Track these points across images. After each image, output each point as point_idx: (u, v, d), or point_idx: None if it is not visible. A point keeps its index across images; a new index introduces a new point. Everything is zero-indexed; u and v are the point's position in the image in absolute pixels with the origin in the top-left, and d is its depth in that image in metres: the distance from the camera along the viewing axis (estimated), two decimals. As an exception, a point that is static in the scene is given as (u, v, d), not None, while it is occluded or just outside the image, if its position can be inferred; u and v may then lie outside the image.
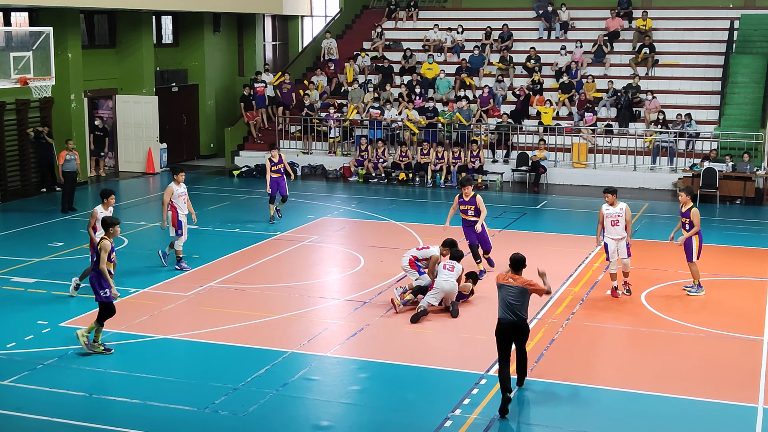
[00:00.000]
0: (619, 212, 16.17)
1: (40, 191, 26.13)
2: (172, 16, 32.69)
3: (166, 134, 31.10)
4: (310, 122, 30.55)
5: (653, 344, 14.09)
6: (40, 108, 26.48)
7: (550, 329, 14.59)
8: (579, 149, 28.25)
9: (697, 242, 16.41)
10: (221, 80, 34.52)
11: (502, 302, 11.69)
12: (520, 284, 11.68)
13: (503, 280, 11.80)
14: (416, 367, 13.07)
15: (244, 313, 15.21)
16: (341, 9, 37.72)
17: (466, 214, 17.51)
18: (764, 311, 15.68)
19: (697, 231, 16.33)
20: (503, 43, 32.65)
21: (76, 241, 20.06)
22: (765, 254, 19.66)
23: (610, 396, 12.15)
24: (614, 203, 16.21)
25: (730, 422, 11.36)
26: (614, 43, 32.12)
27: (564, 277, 17.43)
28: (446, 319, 15.06)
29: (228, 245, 19.71)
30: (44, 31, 20.88)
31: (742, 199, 25.44)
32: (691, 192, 16.72)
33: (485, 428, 11.05)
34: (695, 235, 16.37)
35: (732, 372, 13.00)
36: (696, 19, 32.64)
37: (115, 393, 12.01)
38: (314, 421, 11.37)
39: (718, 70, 29.98)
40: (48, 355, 13.35)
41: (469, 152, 27.79)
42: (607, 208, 16.27)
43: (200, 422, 11.21)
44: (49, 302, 15.88)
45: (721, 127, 27.50)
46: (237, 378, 12.47)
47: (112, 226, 13.61)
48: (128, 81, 30.10)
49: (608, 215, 16.26)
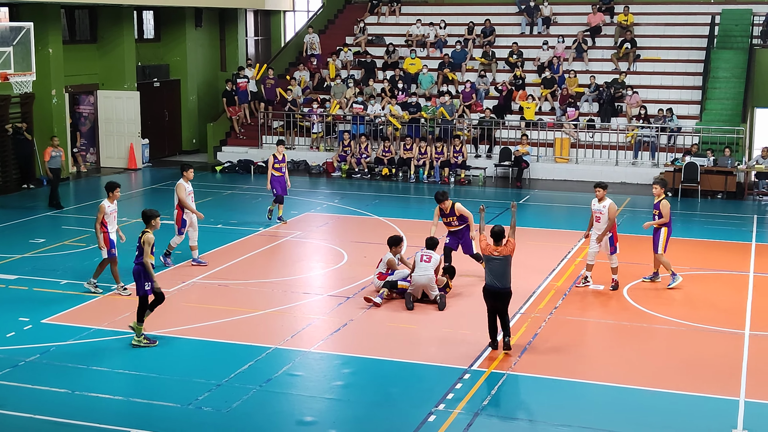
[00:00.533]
0: (602, 209, 16.19)
1: (20, 187, 25.93)
2: (153, 11, 32.54)
3: (148, 130, 30.98)
4: (293, 117, 30.50)
5: (636, 338, 14.15)
6: (21, 104, 26.29)
7: (533, 324, 14.63)
8: (561, 144, 28.33)
9: (665, 235, 16.45)
10: (203, 75, 34.40)
11: (489, 271, 13.23)
12: (505, 254, 13.17)
13: (489, 253, 13.21)
14: (400, 362, 13.08)
15: (228, 309, 15.18)
16: (323, 4, 37.67)
17: (450, 225, 16.83)
18: (745, 305, 15.79)
19: (665, 222, 16.37)
20: (486, 38, 32.68)
21: (58, 237, 19.97)
22: (746, 248, 19.78)
23: (593, 390, 12.19)
24: (603, 199, 16.24)
25: (712, 415, 11.42)
26: (596, 38, 32.21)
27: (547, 272, 17.48)
28: (430, 314, 15.07)
29: (211, 241, 19.65)
30: (25, 26, 20.72)
31: (724, 194, 25.57)
32: (664, 184, 16.75)
33: (469, 423, 11.07)
34: (664, 227, 16.42)
35: (714, 365, 13.07)
36: (677, 14, 32.78)
37: (98, 390, 11.95)
38: (298, 417, 11.37)
39: (699, 65, 30.13)
40: (30, 351, 13.28)
41: (452, 147, 27.81)
42: (594, 204, 16.32)
43: (183, 418, 11.18)
44: (30, 299, 15.80)
45: (702, 122, 27.63)
46: (220, 374, 12.45)
47: (154, 218, 13.72)
48: (110, 76, 29.95)
49: (593, 210, 16.32)
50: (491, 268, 13.22)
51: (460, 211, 16.69)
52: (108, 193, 15.87)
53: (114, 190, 15.85)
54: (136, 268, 13.54)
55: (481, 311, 13.98)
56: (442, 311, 15.16)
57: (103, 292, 15.99)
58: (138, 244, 13.61)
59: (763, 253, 19.39)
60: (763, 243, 20.32)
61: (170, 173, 28.99)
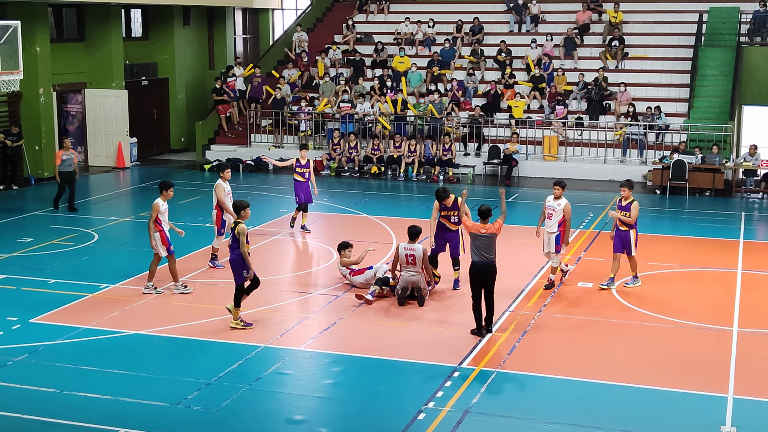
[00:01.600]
0: (555, 206, 16.16)
1: (11, 187, 25.67)
2: (141, 10, 32.44)
3: (137, 128, 30.90)
4: (281, 116, 30.46)
5: (624, 336, 14.19)
6: (8, 102, 26.20)
7: (521, 322, 14.66)
8: (550, 142, 28.37)
9: (635, 236, 16.24)
10: (191, 74, 34.33)
11: (475, 249, 13.80)
12: (491, 232, 13.83)
13: (476, 231, 13.85)
14: (389, 360, 13.09)
15: (217, 308, 15.14)
16: (312, 2, 37.63)
17: (448, 220, 16.13)
18: (734, 302, 15.84)
19: (632, 223, 16.17)
20: (474, 36, 32.70)
21: (46, 236, 19.89)
22: (734, 245, 19.84)
23: (582, 387, 12.22)
24: (559, 197, 16.19)
25: (701, 412, 11.46)
26: (584, 36, 32.26)
27: (535, 270, 17.50)
28: (419, 313, 15.08)
29: (199, 240, 19.60)
30: (12, 25, 20.64)
31: (712, 191, 25.66)
32: (632, 186, 16.48)
33: (458, 421, 11.08)
34: (633, 229, 16.22)
35: (702, 362, 13.12)
36: (665, 12, 32.85)
37: (87, 389, 11.91)
38: (288, 416, 11.36)
39: (687, 62, 30.21)
40: (18, 351, 13.24)
41: (441, 145, 27.82)
42: (549, 200, 16.31)
43: (173, 417, 11.16)
44: (18, 298, 15.74)
45: (690, 120, 27.72)
46: (210, 373, 12.43)
47: (243, 209, 14.17)
48: (97, 75, 29.86)
49: (546, 206, 16.33)
50: (477, 245, 13.79)
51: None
52: (162, 192, 15.96)
53: (168, 189, 15.96)
54: (234, 257, 14.01)
55: (470, 310, 14.01)
56: (421, 307, 15.17)
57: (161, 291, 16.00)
58: (232, 235, 14.13)
59: (751, 250, 19.47)
60: (751, 240, 20.40)
61: (159, 172, 28.95)
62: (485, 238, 13.80)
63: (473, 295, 13.93)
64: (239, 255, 13.94)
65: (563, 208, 16.10)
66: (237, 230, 13.92)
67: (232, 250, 14.14)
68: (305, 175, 20.03)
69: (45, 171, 27.05)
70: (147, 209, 22.87)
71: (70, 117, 29.90)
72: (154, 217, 15.75)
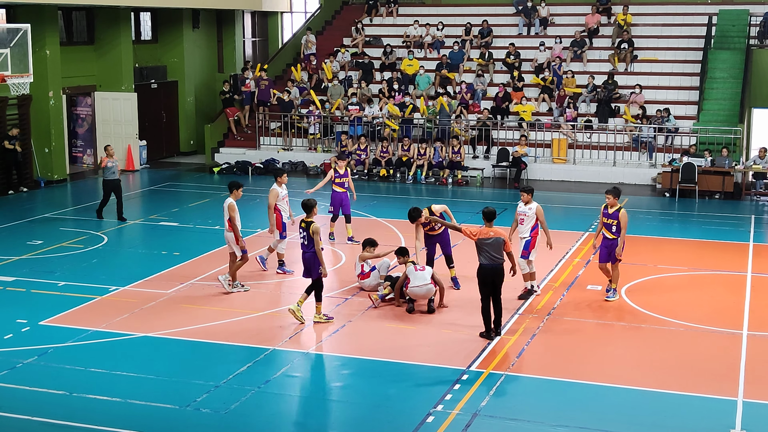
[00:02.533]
0: (527, 211, 16.05)
1: (7, 192, 25.53)
2: (150, 13, 32.53)
3: (146, 131, 30.98)
4: (290, 119, 30.49)
5: (633, 339, 14.16)
6: (18, 105, 26.28)
7: (530, 324, 14.64)
8: (559, 145, 28.34)
9: (621, 244, 15.58)
10: (201, 77, 34.40)
11: (484, 253, 13.85)
12: (498, 235, 13.89)
13: (484, 236, 13.89)
14: (398, 363, 13.08)
15: (226, 311, 15.17)
16: (321, 5, 37.67)
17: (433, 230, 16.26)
18: (743, 305, 15.80)
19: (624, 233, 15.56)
20: (483, 39, 32.70)
21: (56, 239, 19.95)
22: (743, 248, 19.78)
23: (590, 390, 12.19)
24: (529, 202, 16.07)
25: (710, 415, 11.42)
26: (593, 38, 32.23)
27: (545, 273, 17.47)
28: (428, 316, 15.07)
29: (209, 242, 19.64)
30: (22, 28, 20.73)
31: (721, 194, 25.58)
32: (618, 193, 15.82)
33: (467, 424, 11.07)
34: (620, 238, 15.55)
35: (712, 366, 13.08)
36: (674, 15, 32.80)
37: (96, 391, 11.94)
38: (296, 418, 11.37)
39: (697, 65, 30.16)
40: (27, 353, 13.27)
41: (450, 148, 27.82)
42: (520, 206, 16.08)
43: (182, 420, 11.18)
44: (28, 301, 15.78)
45: (699, 122, 27.65)
46: (218, 375, 12.44)
47: (313, 207, 14.65)
48: (107, 78, 29.93)
49: (518, 212, 16.07)
50: (485, 248, 13.84)
51: (438, 211, 16.29)
52: (231, 191, 16.27)
53: (238, 189, 16.31)
54: (309, 255, 14.39)
55: (479, 313, 14.01)
56: (432, 314, 15.17)
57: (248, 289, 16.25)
58: (306, 234, 14.40)
59: (761, 253, 19.41)
60: (761, 243, 20.34)
61: (168, 174, 29.01)
62: (492, 241, 13.83)
63: (482, 298, 13.96)
64: (314, 253, 14.30)
65: (535, 212, 15.94)
66: (312, 229, 14.27)
67: (307, 248, 14.43)
68: (345, 185, 19.64)
69: (55, 174, 27.13)
70: (156, 211, 23.07)
71: (80, 120, 30.00)
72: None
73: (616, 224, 15.56)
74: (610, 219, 15.63)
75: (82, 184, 27.39)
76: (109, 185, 21.84)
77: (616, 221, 15.56)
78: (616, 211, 15.61)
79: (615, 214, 15.59)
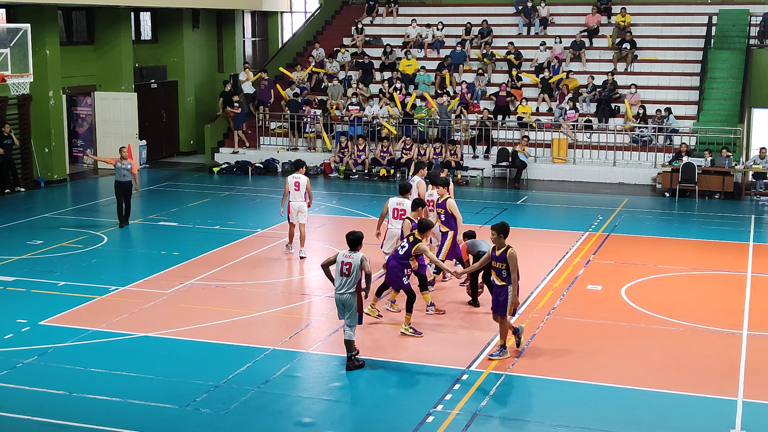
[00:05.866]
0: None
1: (15, 190, 25.67)
2: (150, 13, 32.53)
3: (146, 131, 30.98)
4: (294, 119, 30.45)
5: (634, 339, 14.15)
6: (18, 105, 26.28)
7: (531, 324, 14.63)
8: (559, 145, 28.33)
9: (514, 291, 12.95)
10: (201, 77, 34.40)
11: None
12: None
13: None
14: (398, 363, 13.08)
15: (225, 311, 15.17)
16: (321, 5, 37.67)
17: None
18: (743, 305, 15.80)
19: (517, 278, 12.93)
20: (483, 38, 32.69)
21: (55, 239, 19.94)
22: (744, 248, 19.78)
23: (590, 390, 12.19)
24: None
25: (710, 415, 11.42)
26: (593, 38, 32.23)
27: (544, 273, 17.48)
28: (428, 316, 15.06)
29: (208, 242, 19.65)
30: (22, 28, 20.72)
31: (721, 194, 25.58)
32: (505, 231, 13.00)
33: (467, 424, 11.07)
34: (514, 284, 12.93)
35: (712, 365, 13.08)
36: (674, 15, 32.82)
37: (96, 391, 11.94)
38: (296, 418, 11.36)
39: (697, 65, 30.17)
40: (27, 353, 13.27)
41: (447, 152, 27.78)
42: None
43: (181, 420, 11.17)
44: (28, 301, 15.78)
45: (699, 122, 27.66)
46: (218, 375, 12.44)
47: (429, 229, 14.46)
48: (107, 78, 29.94)
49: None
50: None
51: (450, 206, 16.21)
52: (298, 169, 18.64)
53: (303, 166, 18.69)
54: (394, 264, 14.28)
55: (479, 312, 14.01)
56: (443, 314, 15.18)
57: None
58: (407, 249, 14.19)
59: (761, 253, 19.41)
60: (761, 243, 20.33)
61: (168, 174, 29.01)
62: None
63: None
64: (397, 264, 14.18)
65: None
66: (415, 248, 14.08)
67: (397, 258, 14.24)
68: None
69: (54, 173, 27.12)
70: (156, 211, 23.06)
71: (80, 120, 30.00)
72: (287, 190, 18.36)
73: (505, 267, 12.89)
74: (498, 262, 12.99)
75: (82, 184, 27.39)
76: (120, 188, 21.17)
77: (504, 264, 12.88)
78: (503, 252, 12.91)
79: (502, 255, 12.90)
